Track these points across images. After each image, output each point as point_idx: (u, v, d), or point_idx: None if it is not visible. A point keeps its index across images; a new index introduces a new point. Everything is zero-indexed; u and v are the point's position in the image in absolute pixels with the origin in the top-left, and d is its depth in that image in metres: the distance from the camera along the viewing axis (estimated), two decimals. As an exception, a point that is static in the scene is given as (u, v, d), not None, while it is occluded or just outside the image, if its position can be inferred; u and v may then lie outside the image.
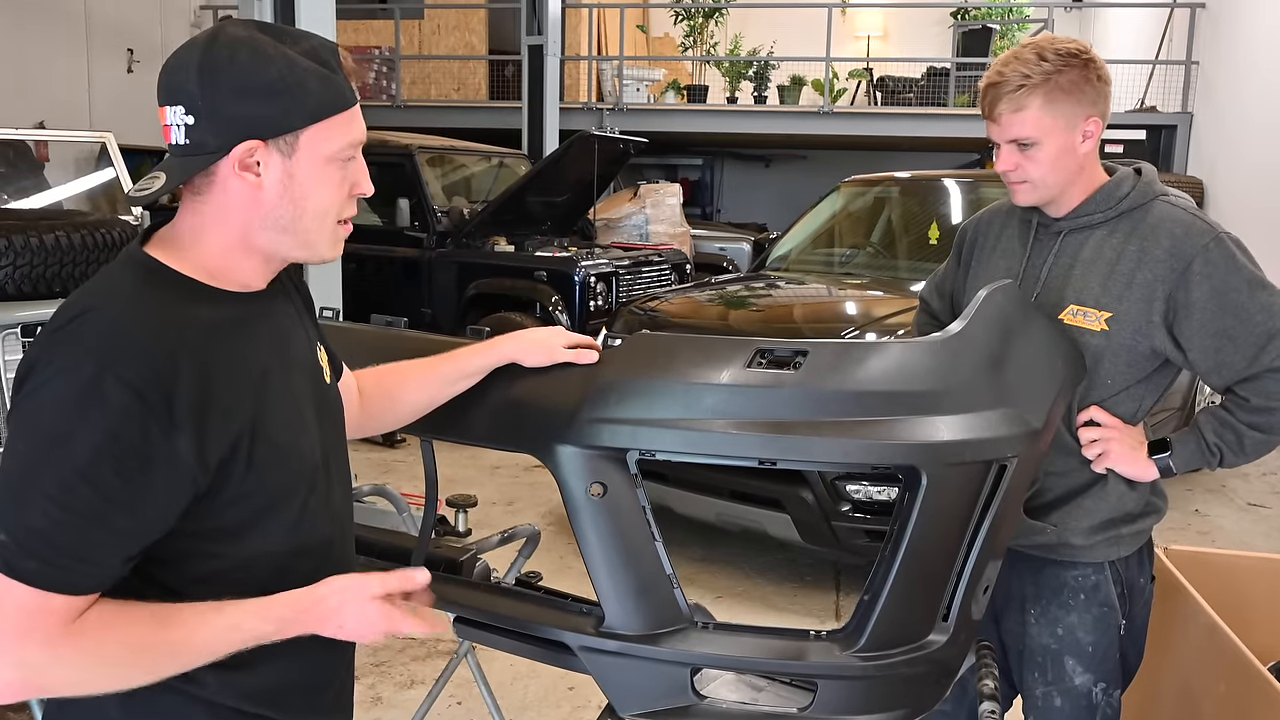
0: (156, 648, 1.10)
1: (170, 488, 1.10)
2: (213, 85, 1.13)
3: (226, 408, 1.13)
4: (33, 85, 9.78)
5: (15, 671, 1.05)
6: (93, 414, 1.04)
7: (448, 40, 13.77)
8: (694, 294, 5.51)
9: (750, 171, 16.81)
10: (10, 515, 1.05)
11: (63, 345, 1.08)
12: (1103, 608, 1.92)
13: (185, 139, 1.14)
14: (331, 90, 1.18)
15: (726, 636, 1.54)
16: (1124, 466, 1.85)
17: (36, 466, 1.04)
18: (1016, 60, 1.81)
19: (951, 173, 6.25)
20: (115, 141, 4.67)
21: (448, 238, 7.51)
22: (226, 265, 1.21)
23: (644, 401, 1.48)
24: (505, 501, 5.55)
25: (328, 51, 1.19)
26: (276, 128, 1.15)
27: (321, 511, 1.29)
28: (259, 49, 1.14)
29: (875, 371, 1.48)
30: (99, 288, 1.16)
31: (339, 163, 1.21)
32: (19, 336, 3.22)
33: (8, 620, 1.04)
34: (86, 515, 1.05)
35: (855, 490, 3.93)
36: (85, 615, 1.08)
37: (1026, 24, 13.26)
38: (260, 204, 1.17)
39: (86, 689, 1.11)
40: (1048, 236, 1.94)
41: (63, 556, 1.05)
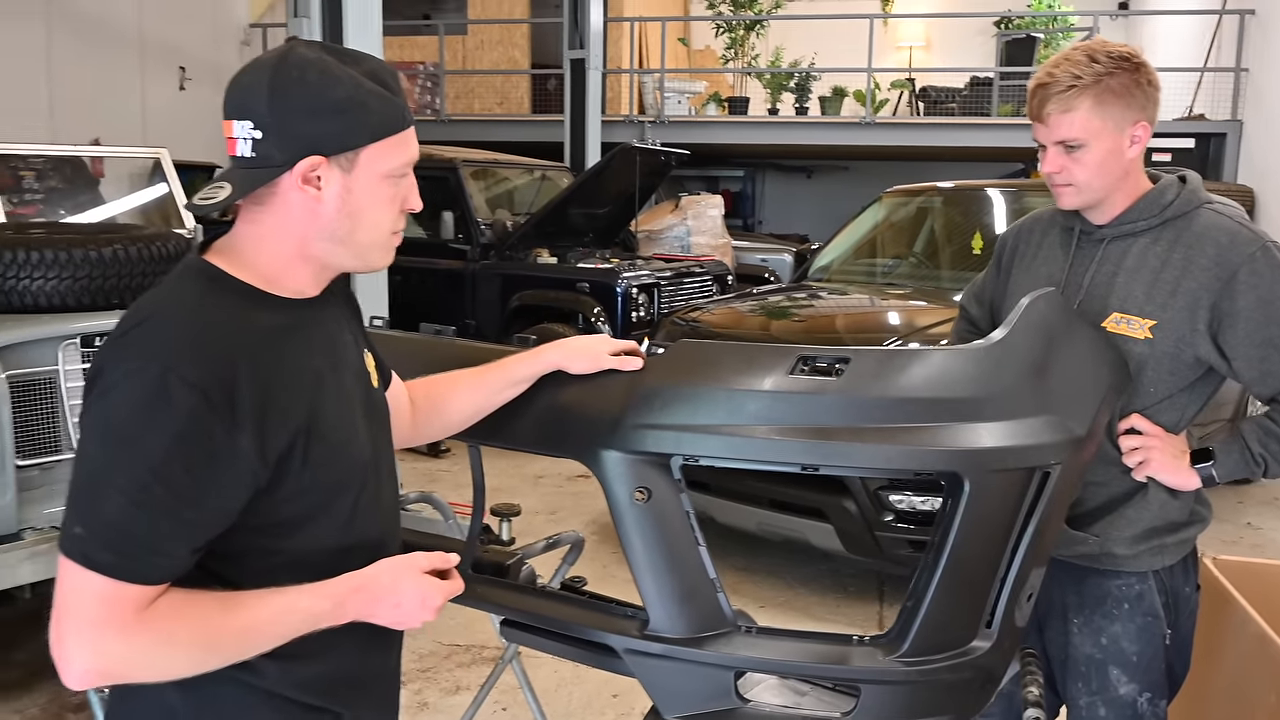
0: (223, 632, 1.15)
1: (233, 483, 1.15)
2: (282, 103, 1.18)
3: (284, 407, 1.18)
4: (89, 103, 10.03)
5: (94, 659, 1.10)
6: (161, 414, 1.09)
7: (491, 55, 13.92)
8: (736, 304, 5.53)
9: (792, 183, 16.79)
10: (87, 510, 1.10)
11: (130, 350, 1.13)
12: (1147, 617, 1.91)
13: (252, 152, 1.19)
14: (392, 111, 1.23)
15: (770, 640, 1.56)
16: (1165, 475, 1.84)
17: (109, 464, 1.10)
18: (1067, 61, 1.80)
19: (995, 182, 6.22)
20: (169, 157, 4.77)
21: (491, 250, 7.59)
22: (283, 273, 1.26)
23: (688, 408, 1.51)
24: (548, 511, 5.58)
25: (387, 73, 1.25)
26: (339, 145, 1.20)
27: (372, 510, 1.34)
28: (327, 69, 1.19)
29: (917, 378, 1.49)
30: (162, 295, 1.21)
31: (394, 180, 1.26)
32: (79, 346, 3.31)
33: (86, 610, 1.09)
34: (157, 509, 1.10)
35: (898, 500, 3.92)
36: (156, 604, 1.12)
37: (1071, 32, 13.14)
38: (318, 216, 1.22)
39: (159, 674, 1.16)
40: (1090, 244, 1.93)
41: (136, 548, 1.10)
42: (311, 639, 1.22)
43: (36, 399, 3.25)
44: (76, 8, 10.05)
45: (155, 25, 11.09)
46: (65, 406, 3.29)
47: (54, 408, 3.29)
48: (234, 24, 12.82)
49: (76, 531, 1.10)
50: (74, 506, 1.12)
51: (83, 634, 1.10)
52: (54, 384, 3.27)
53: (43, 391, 3.26)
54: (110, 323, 3.26)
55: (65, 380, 3.28)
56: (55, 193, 6.61)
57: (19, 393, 3.16)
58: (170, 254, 3.60)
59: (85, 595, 1.09)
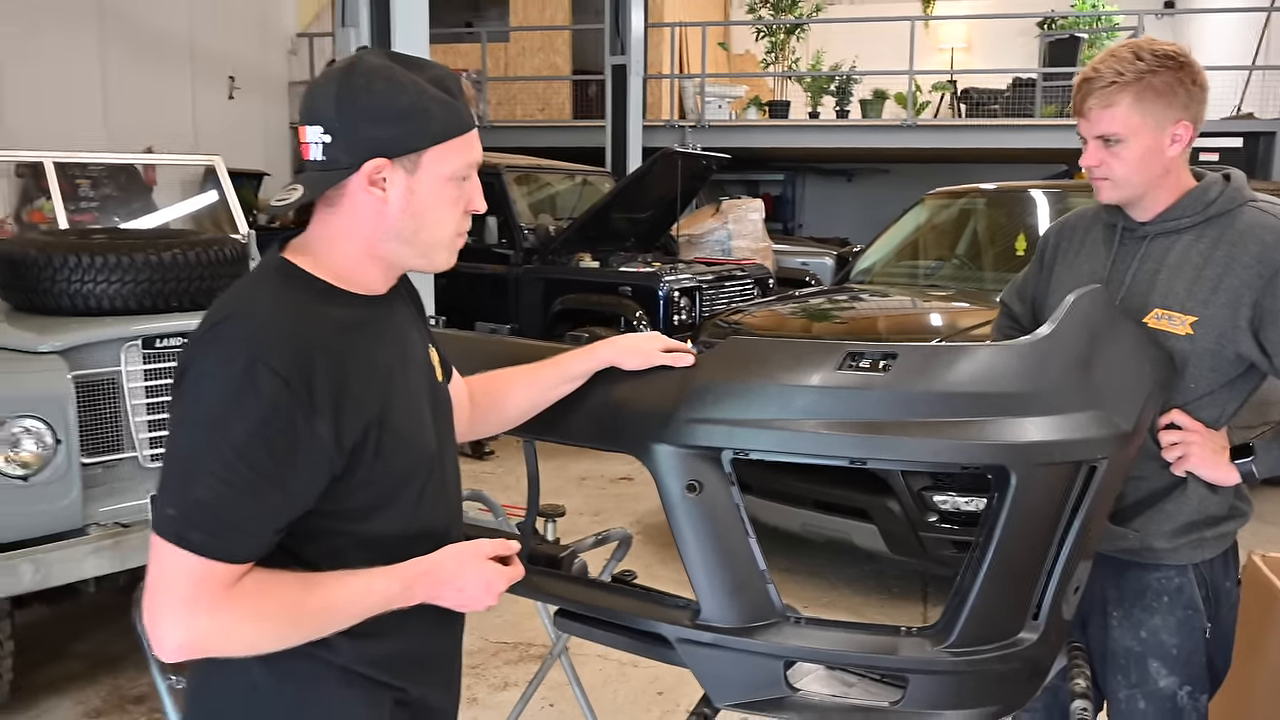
0: (304, 610, 1.22)
1: (312, 467, 1.21)
2: (350, 108, 1.24)
3: (357, 399, 1.24)
4: (142, 112, 10.25)
5: (185, 633, 1.17)
6: (248, 400, 1.16)
7: (532, 61, 14.04)
8: (777, 306, 5.55)
9: (832, 186, 16.74)
10: (178, 492, 1.17)
11: (218, 341, 1.20)
12: (1187, 610, 1.91)
13: (322, 155, 1.26)
14: (453, 115, 1.29)
15: (819, 631, 1.59)
16: (1205, 470, 1.85)
17: (200, 449, 1.17)
18: (1112, 58, 1.82)
19: (1038, 183, 6.20)
20: (224, 164, 4.89)
21: (534, 254, 7.67)
22: (354, 271, 1.32)
23: (738, 402, 1.55)
24: (592, 512, 5.64)
25: (451, 80, 1.31)
26: (402, 148, 1.26)
27: (437, 499, 1.40)
28: (392, 77, 1.26)
29: (964, 373, 1.52)
30: (245, 291, 1.29)
31: (456, 181, 1.31)
32: (140, 348, 3.40)
33: (178, 587, 1.17)
34: (244, 490, 1.17)
35: (942, 501, 3.93)
36: (243, 581, 1.19)
37: (1116, 32, 13.00)
38: (385, 217, 1.28)
39: (245, 647, 1.22)
40: (1133, 241, 1.94)
41: (224, 528, 1.17)
42: (383, 619, 1.28)
43: (100, 399, 3.35)
44: (129, 20, 10.28)
45: (206, 35, 11.32)
46: (128, 406, 3.38)
47: (116, 407, 3.38)
48: (281, 33, 13.04)
49: (169, 513, 1.17)
50: (166, 489, 1.19)
51: (176, 609, 1.16)
52: (117, 384, 3.37)
53: (106, 392, 3.36)
54: (170, 324, 3.42)
55: (128, 380, 3.38)
56: (110, 200, 6.77)
57: (84, 393, 3.26)
58: (227, 258, 3.69)
59: (178, 573, 1.16)
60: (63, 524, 3.15)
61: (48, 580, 3.03)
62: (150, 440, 3.44)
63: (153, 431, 3.44)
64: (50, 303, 3.46)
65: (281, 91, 12.97)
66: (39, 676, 3.70)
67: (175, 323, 3.49)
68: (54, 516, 3.13)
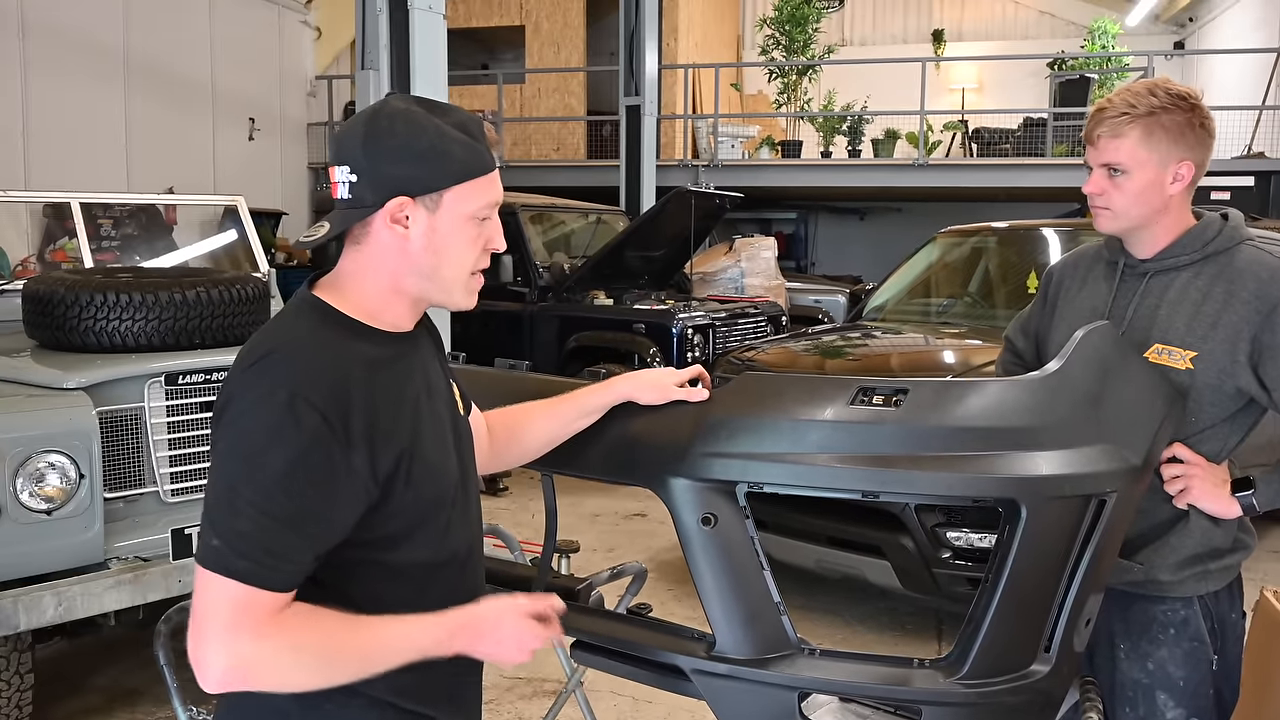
0: (345, 649, 1.25)
1: (350, 497, 1.26)
2: (374, 149, 1.31)
3: (389, 431, 1.29)
4: (163, 153, 10.42)
5: (229, 660, 1.20)
6: (288, 433, 1.21)
7: (548, 102, 14.22)
8: (790, 344, 5.59)
9: (845, 224, 16.82)
10: (223, 524, 1.22)
11: (259, 377, 1.25)
12: (1193, 642, 1.93)
13: (349, 194, 1.32)
14: (474, 157, 1.34)
15: (832, 662, 1.61)
16: (1206, 503, 1.86)
17: (242, 481, 1.21)
18: (1128, 91, 1.88)
19: (1050, 222, 6.23)
20: (245, 204, 4.98)
21: (549, 292, 7.74)
22: (381, 308, 1.37)
23: (753, 437, 1.58)
24: (606, 548, 5.65)
25: (473, 123, 1.36)
26: (424, 187, 1.32)
27: (461, 525, 1.44)
28: (414, 120, 1.32)
29: (975, 408, 1.55)
30: (282, 329, 1.34)
31: (476, 221, 1.37)
32: (163, 384, 3.46)
33: (223, 614, 1.20)
34: (286, 520, 1.21)
35: (956, 537, 3.93)
36: (286, 613, 1.23)
37: (1126, 73, 13.10)
38: (407, 253, 1.34)
39: (286, 681, 1.25)
40: (1134, 277, 1.98)
41: (267, 556, 1.21)
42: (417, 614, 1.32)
43: (123, 434, 3.40)
44: (154, 64, 10.48)
45: (226, 78, 11.52)
46: (150, 442, 3.43)
47: (139, 443, 3.43)
48: (301, 76, 13.25)
49: (214, 544, 1.21)
50: (210, 521, 1.23)
51: (221, 637, 1.20)
52: (140, 420, 3.42)
53: (129, 427, 3.41)
54: (193, 361, 3.48)
55: (150, 416, 3.43)
56: (132, 239, 6.89)
57: (107, 428, 3.31)
58: (249, 296, 3.75)
59: (223, 602, 1.20)
60: (84, 558, 3.19)
61: (69, 613, 3.06)
62: (171, 475, 3.48)
63: (174, 466, 3.49)
64: (76, 340, 3.53)
65: (300, 133, 13.17)
66: (58, 710, 3.73)
67: (198, 360, 3.54)
68: (76, 550, 3.17)
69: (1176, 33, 16.30)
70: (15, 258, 6.72)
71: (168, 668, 2.18)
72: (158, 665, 2.18)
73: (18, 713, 3.29)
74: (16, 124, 9.07)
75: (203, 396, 3.54)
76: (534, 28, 14.49)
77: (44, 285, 3.63)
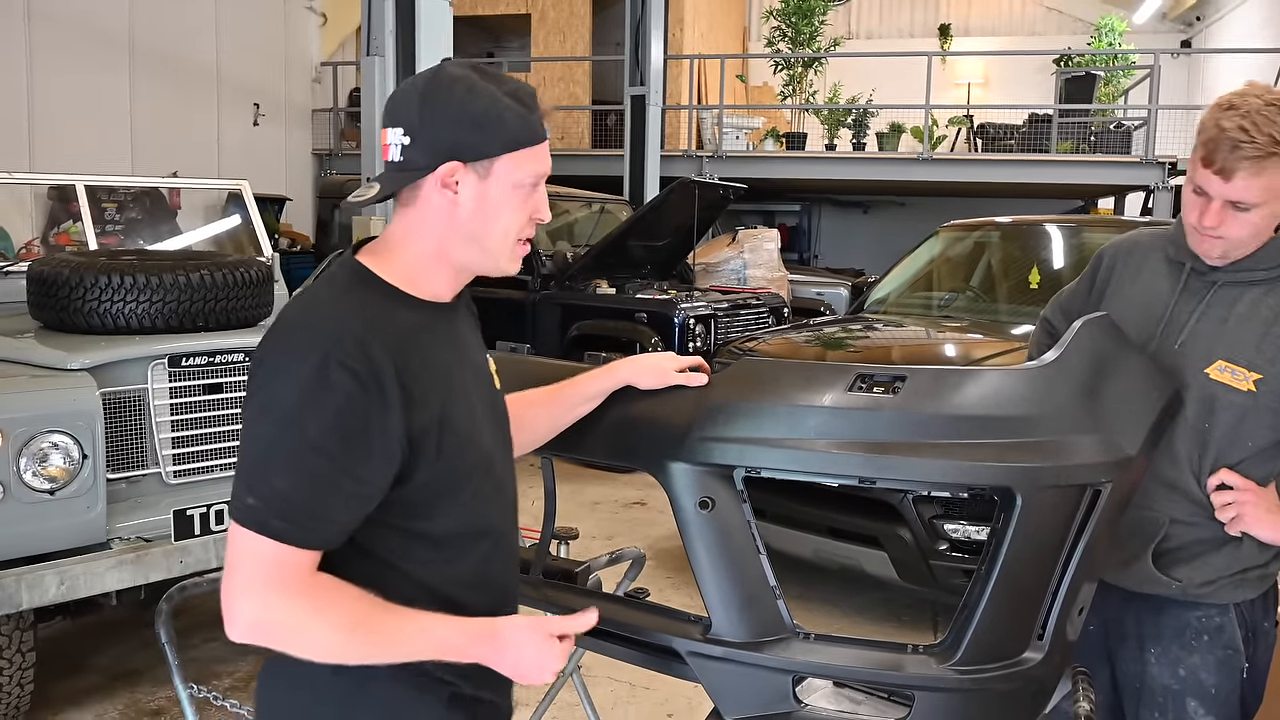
0: (367, 624, 1.27)
1: (383, 459, 1.27)
2: (430, 113, 1.32)
3: (421, 397, 1.30)
4: (168, 138, 10.43)
5: (259, 613, 1.23)
6: (322, 395, 1.22)
7: (553, 91, 14.21)
8: (791, 335, 5.60)
9: (848, 217, 16.83)
10: (259, 483, 1.23)
11: (293, 339, 1.27)
12: (1227, 650, 1.90)
13: (401, 156, 1.33)
14: (526, 126, 1.35)
15: (827, 646, 1.62)
16: (1261, 530, 1.82)
17: (279, 442, 1.23)
18: (1265, 121, 1.69)
19: (1052, 218, 6.24)
20: (250, 189, 4.99)
21: (552, 280, 7.76)
22: (423, 273, 1.38)
23: (751, 422, 1.59)
24: (605, 536, 5.67)
25: (526, 93, 1.37)
26: (476, 153, 1.33)
27: (495, 501, 1.45)
28: (472, 86, 1.33)
29: (972, 397, 1.56)
30: (320, 292, 1.35)
31: (525, 189, 1.38)
32: (166, 366, 3.47)
33: (258, 570, 1.23)
34: (320, 480, 1.23)
35: (954, 529, 3.95)
36: (316, 578, 1.25)
37: (1132, 70, 13.08)
38: (455, 219, 1.35)
39: (307, 643, 1.26)
40: (1201, 284, 1.89)
41: (302, 515, 1.23)
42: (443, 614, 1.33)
43: (126, 416, 3.42)
44: (159, 49, 10.48)
45: (232, 63, 11.52)
46: (153, 423, 3.45)
47: (141, 424, 3.45)
48: (306, 62, 13.25)
49: (250, 502, 1.23)
50: (245, 480, 1.24)
51: (253, 590, 1.23)
52: (143, 401, 3.44)
53: (132, 409, 3.43)
54: (196, 344, 3.49)
55: (153, 398, 3.45)
56: (136, 223, 6.90)
57: (110, 409, 3.33)
58: (252, 280, 3.77)
59: (258, 558, 1.23)
60: (87, 538, 3.22)
61: (71, 592, 3.09)
62: (174, 457, 3.50)
63: (176, 448, 3.51)
64: (80, 321, 3.55)
65: (305, 119, 13.17)
66: (58, 689, 3.76)
67: (201, 342, 3.56)
68: (79, 530, 3.20)
69: (1184, 31, 16.28)
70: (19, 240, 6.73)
71: (169, 646, 2.20)
72: (159, 644, 2.20)
73: (19, 691, 3.32)
74: (21, 107, 9.08)
75: (206, 379, 3.56)
76: (540, 16, 14.48)
77: (49, 267, 3.64)
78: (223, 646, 4.16)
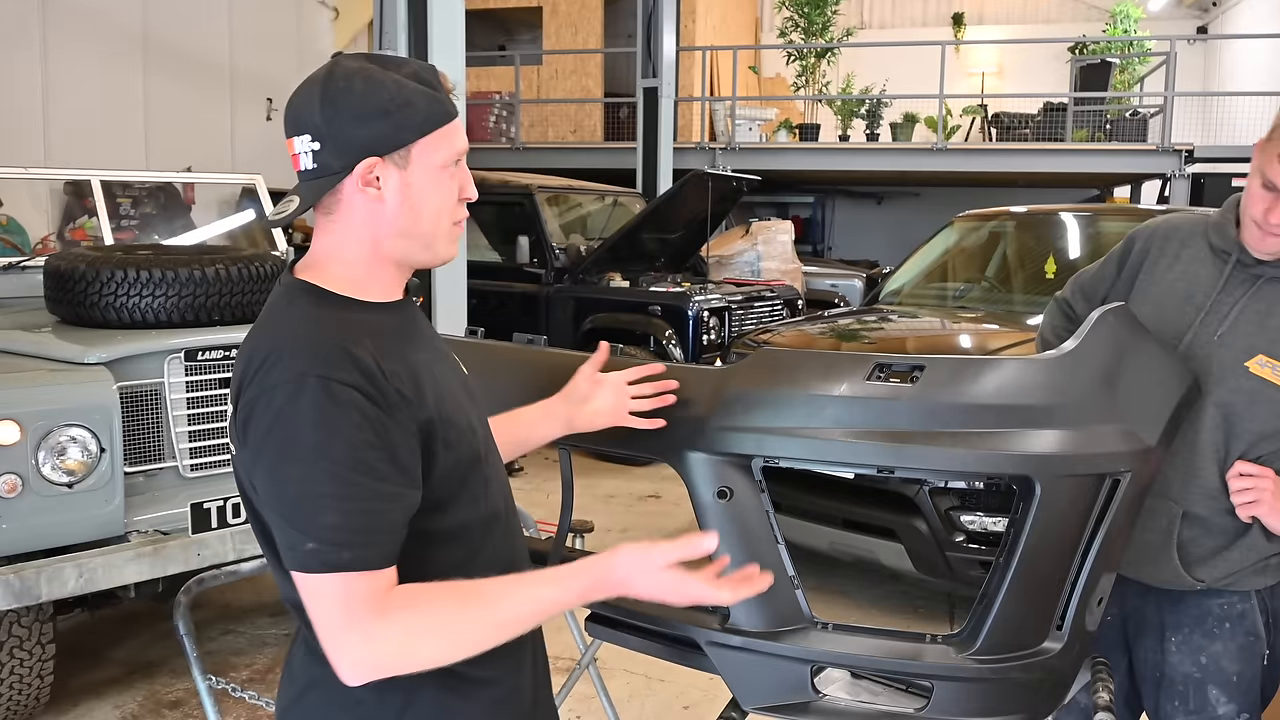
0: (474, 609, 1.23)
1: (410, 452, 1.24)
2: (334, 112, 1.25)
3: (415, 399, 1.27)
4: (182, 133, 10.45)
5: (365, 648, 1.19)
6: (335, 417, 1.18)
7: (565, 84, 14.21)
8: (805, 326, 5.58)
9: (862, 209, 16.78)
10: (311, 525, 1.19)
11: (280, 376, 1.21)
12: (1249, 636, 1.89)
13: (313, 164, 1.27)
14: (436, 106, 1.30)
15: (846, 636, 1.62)
16: (1274, 519, 1.81)
17: (311, 479, 1.18)
18: None
19: (1067, 207, 6.20)
20: (264, 184, 5.00)
21: (565, 273, 7.76)
22: (367, 277, 1.34)
23: (769, 412, 1.59)
24: (620, 529, 5.68)
25: (428, 72, 1.32)
26: (391, 144, 1.27)
27: (495, 481, 1.44)
28: (371, 76, 1.27)
29: (990, 386, 1.55)
30: (279, 322, 1.29)
31: (449, 170, 1.33)
32: (183, 360, 3.49)
33: (340, 608, 1.19)
34: (367, 497, 1.19)
35: (970, 521, 3.94)
36: (398, 591, 1.21)
37: (1147, 57, 12.98)
38: (383, 215, 1.30)
39: (427, 653, 1.22)
40: (1245, 276, 1.87)
41: (364, 538, 1.19)
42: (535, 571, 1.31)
43: (143, 409, 3.43)
44: (172, 44, 10.50)
45: (244, 58, 11.53)
46: (169, 417, 3.47)
47: (158, 418, 3.46)
48: (318, 56, 13.24)
49: (310, 547, 1.18)
50: (295, 529, 1.19)
51: (350, 629, 1.18)
52: (159, 395, 3.45)
53: (149, 402, 3.44)
54: (212, 338, 3.50)
55: (170, 392, 3.46)
56: (150, 218, 6.93)
57: (127, 403, 3.34)
58: (267, 274, 3.77)
59: (338, 597, 1.18)
60: (105, 531, 3.23)
61: (90, 585, 3.10)
62: (190, 450, 3.52)
63: (193, 441, 3.52)
64: (97, 315, 3.56)
65: (318, 113, 13.17)
66: (77, 680, 3.78)
67: (217, 336, 3.57)
68: (97, 523, 3.21)
69: (1199, 17, 16.16)
70: (35, 235, 6.77)
71: (188, 638, 2.21)
72: (178, 636, 2.21)
73: (39, 682, 3.34)
74: (37, 103, 9.12)
75: (222, 373, 3.57)
76: (551, 9, 14.46)
77: (65, 262, 3.66)
78: (239, 639, 4.19)
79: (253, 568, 2.48)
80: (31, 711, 3.41)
